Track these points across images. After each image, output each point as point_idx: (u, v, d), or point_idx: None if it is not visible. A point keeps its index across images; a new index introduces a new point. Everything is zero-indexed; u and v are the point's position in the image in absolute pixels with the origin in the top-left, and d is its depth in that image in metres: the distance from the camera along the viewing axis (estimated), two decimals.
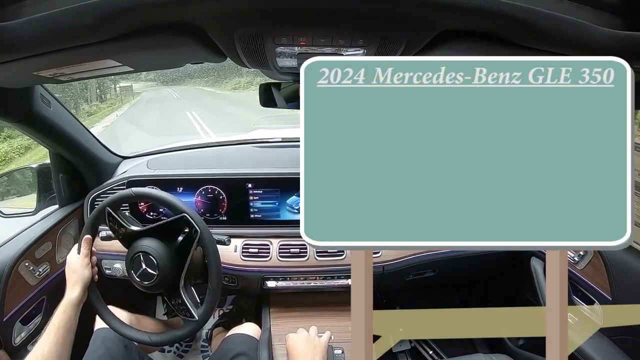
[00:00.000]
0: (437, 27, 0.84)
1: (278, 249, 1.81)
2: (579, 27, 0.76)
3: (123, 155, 2.17)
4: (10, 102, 1.32)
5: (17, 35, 0.78)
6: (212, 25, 0.85)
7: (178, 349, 2.34)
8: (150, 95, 25.97)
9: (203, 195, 1.86)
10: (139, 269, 1.29)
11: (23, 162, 10.01)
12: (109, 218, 1.40)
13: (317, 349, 1.27)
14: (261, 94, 1.51)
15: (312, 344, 1.27)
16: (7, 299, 1.47)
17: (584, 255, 1.48)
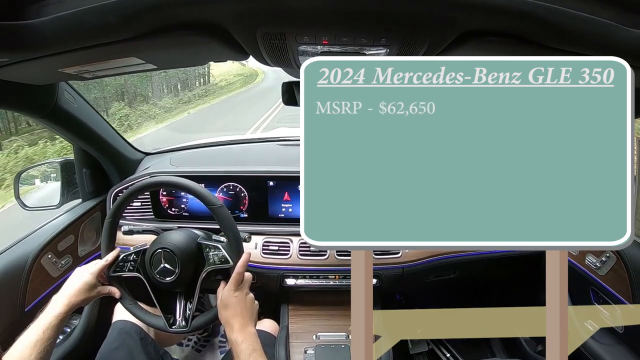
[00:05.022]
0: (461, 26, 0.83)
1: (298, 247, 1.81)
2: (604, 27, 0.75)
3: (146, 151, 2.19)
4: (36, 98, 1.36)
5: (41, 33, 0.80)
6: (234, 24, 0.86)
7: (196, 343, 2.35)
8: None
9: (225, 192, 1.88)
10: (159, 266, 1.29)
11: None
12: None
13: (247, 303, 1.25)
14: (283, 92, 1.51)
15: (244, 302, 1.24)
16: (29, 290, 1.51)
17: (606, 261, 1.45)
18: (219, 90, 25.53)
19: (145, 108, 18.54)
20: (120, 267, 1.35)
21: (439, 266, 1.81)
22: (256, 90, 24.20)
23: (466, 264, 1.86)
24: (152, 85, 20.77)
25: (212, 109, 19.64)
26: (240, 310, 1.20)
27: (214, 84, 26.59)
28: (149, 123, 16.68)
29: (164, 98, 20.83)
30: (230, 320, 1.18)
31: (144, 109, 18.38)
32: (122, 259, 1.35)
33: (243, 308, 1.20)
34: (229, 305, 1.20)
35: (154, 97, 20.41)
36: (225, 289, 1.22)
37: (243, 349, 1.12)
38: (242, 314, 1.19)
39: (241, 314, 1.19)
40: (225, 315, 1.20)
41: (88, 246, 1.82)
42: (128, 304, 1.36)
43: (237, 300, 1.21)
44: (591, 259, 1.51)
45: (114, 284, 1.35)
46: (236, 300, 1.21)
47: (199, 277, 1.32)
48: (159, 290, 1.36)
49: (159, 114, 18.33)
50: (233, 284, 1.22)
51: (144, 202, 1.90)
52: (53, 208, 1.79)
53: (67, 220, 1.71)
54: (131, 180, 1.86)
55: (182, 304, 1.36)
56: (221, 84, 26.90)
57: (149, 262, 1.31)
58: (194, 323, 1.33)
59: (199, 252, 1.34)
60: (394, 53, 0.98)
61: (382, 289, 1.82)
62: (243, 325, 1.17)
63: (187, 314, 1.35)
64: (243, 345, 1.13)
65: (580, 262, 1.56)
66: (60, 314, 1.16)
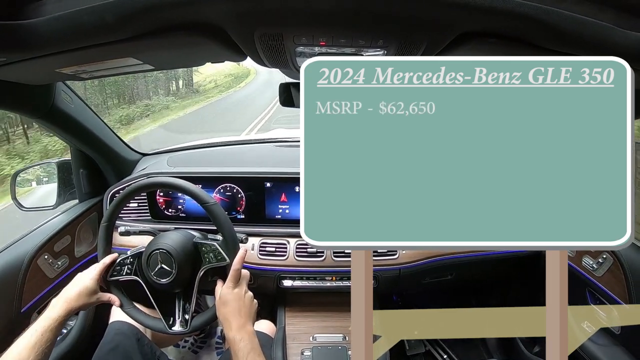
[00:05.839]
0: (458, 28, 0.84)
1: (295, 248, 1.81)
2: (602, 29, 0.75)
3: (143, 152, 2.19)
4: (33, 98, 1.36)
5: (39, 33, 0.80)
6: (232, 25, 0.86)
7: (193, 344, 2.35)
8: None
9: (221, 193, 1.88)
10: (156, 267, 1.29)
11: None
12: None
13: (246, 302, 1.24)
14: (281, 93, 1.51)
15: (242, 301, 1.24)
16: (25, 291, 1.51)
17: (603, 262, 1.46)
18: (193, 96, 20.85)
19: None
20: (118, 271, 1.34)
21: (436, 267, 1.81)
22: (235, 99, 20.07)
23: (463, 266, 1.86)
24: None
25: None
26: (238, 307, 1.19)
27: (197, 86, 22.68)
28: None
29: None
30: (229, 318, 1.17)
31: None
32: (119, 262, 1.35)
33: (242, 305, 1.20)
34: (228, 301, 1.20)
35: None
36: (224, 286, 1.22)
37: (241, 348, 1.12)
38: (241, 311, 1.19)
39: (239, 311, 1.19)
40: (224, 312, 1.19)
41: (84, 247, 1.81)
42: (127, 307, 1.36)
43: (236, 296, 1.21)
44: (588, 260, 1.52)
45: (112, 288, 1.34)
46: (234, 296, 1.20)
47: (197, 277, 1.32)
48: (157, 292, 1.35)
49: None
50: (231, 281, 1.22)
51: (141, 203, 1.90)
52: (50, 209, 1.78)
53: (63, 220, 1.70)
54: (128, 181, 1.85)
55: (180, 305, 1.35)
56: (207, 86, 23.37)
57: (145, 264, 1.30)
58: (193, 323, 1.33)
59: (195, 252, 1.34)
60: (391, 54, 0.98)
61: (379, 291, 1.82)
62: (241, 323, 1.17)
63: (185, 314, 1.34)
64: (241, 343, 1.12)
65: (577, 263, 1.57)
66: (58, 317, 1.15)
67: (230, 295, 1.20)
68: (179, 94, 20.75)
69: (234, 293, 1.21)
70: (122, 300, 1.35)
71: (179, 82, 21.64)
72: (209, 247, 1.32)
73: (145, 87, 18.27)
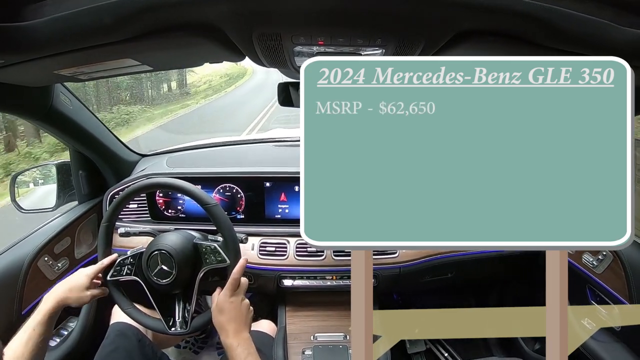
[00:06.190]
0: (456, 27, 0.84)
1: (295, 247, 1.81)
2: (600, 27, 0.75)
3: (142, 153, 2.19)
4: (31, 100, 1.35)
5: (37, 34, 0.80)
6: (230, 25, 0.86)
7: (194, 345, 2.34)
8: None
9: (221, 194, 1.87)
10: (156, 268, 1.29)
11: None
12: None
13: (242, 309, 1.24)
14: (279, 93, 1.51)
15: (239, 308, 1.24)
16: (25, 293, 1.51)
17: (603, 259, 1.46)
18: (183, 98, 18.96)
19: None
20: (118, 271, 1.34)
21: (436, 266, 1.82)
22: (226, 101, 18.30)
23: (463, 264, 1.87)
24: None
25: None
26: (235, 315, 1.20)
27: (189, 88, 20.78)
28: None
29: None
30: (225, 326, 1.18)
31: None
32: (119, 263, 1.35)
33: (238, 314, 1.20)
34: (224, 310, 1.20)
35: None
36: (221, 294, 1.22)
37: (238, 353, 1.12)
38: (237, 320, 1.19)
39: (236, 319, 1.19)
40: (220, 320, 1.19)
41: (84, 248, 1.81)
42: (127, 307, 1.36)
43: (233, 305, 1.21)
44: (588, 258, 1.52)
45: (111, 288, 1.34)
46: (231, 305, 1.20)
47: (197, 277, 1.32)
48: (157, 293, 1.35)
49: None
50: (229, 289, 1.22)
51: (141, 204, 1.89)
52: (49, 210, 1.78)
53: (63, 222, 1.70)
54: (127, 182, 1.85)
55: (180, 306, 1.35)
56: (201, 87, 21.67)
57: (145, 265, 1.30)
58: (193, 324, 1.33)
59: (195, 253, 1.33)
60: (389, 53, 0.98)
61: (380, 289, 1.81)
62: (237, 330, 1.17)
63: (186, 315, 1.34)
64: (238, 349, 1.13)
65: (577, 260, 1.57)
66: (48, 309, 1.17)
67: (227, 303, 1.20)
68: (169, 96, 19.12)
69: (230, 301, 1.21)
70: (122, 301, 1.35)
71: (172, 84, 20.38)
72: (209, 248, 1.32)
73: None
